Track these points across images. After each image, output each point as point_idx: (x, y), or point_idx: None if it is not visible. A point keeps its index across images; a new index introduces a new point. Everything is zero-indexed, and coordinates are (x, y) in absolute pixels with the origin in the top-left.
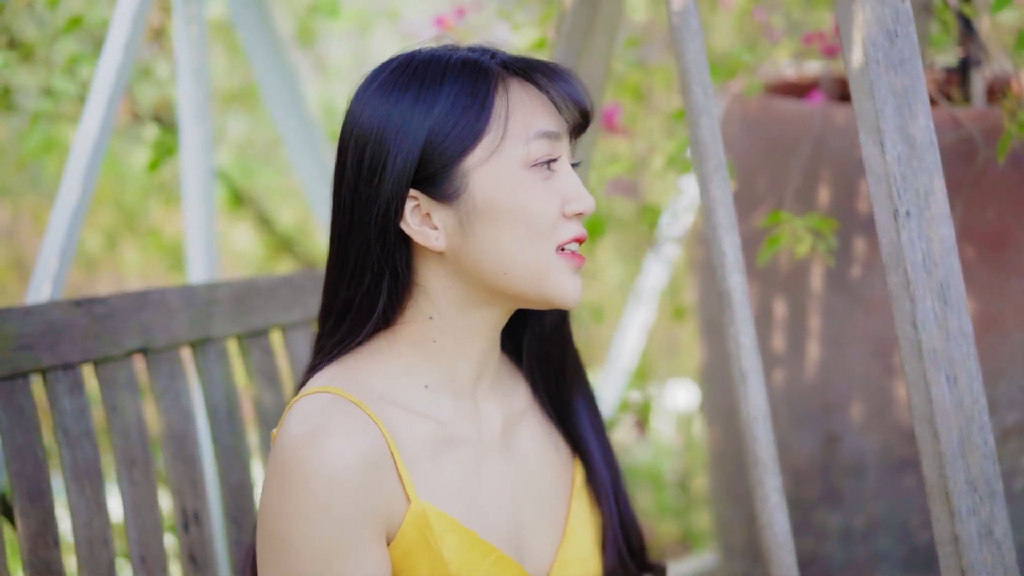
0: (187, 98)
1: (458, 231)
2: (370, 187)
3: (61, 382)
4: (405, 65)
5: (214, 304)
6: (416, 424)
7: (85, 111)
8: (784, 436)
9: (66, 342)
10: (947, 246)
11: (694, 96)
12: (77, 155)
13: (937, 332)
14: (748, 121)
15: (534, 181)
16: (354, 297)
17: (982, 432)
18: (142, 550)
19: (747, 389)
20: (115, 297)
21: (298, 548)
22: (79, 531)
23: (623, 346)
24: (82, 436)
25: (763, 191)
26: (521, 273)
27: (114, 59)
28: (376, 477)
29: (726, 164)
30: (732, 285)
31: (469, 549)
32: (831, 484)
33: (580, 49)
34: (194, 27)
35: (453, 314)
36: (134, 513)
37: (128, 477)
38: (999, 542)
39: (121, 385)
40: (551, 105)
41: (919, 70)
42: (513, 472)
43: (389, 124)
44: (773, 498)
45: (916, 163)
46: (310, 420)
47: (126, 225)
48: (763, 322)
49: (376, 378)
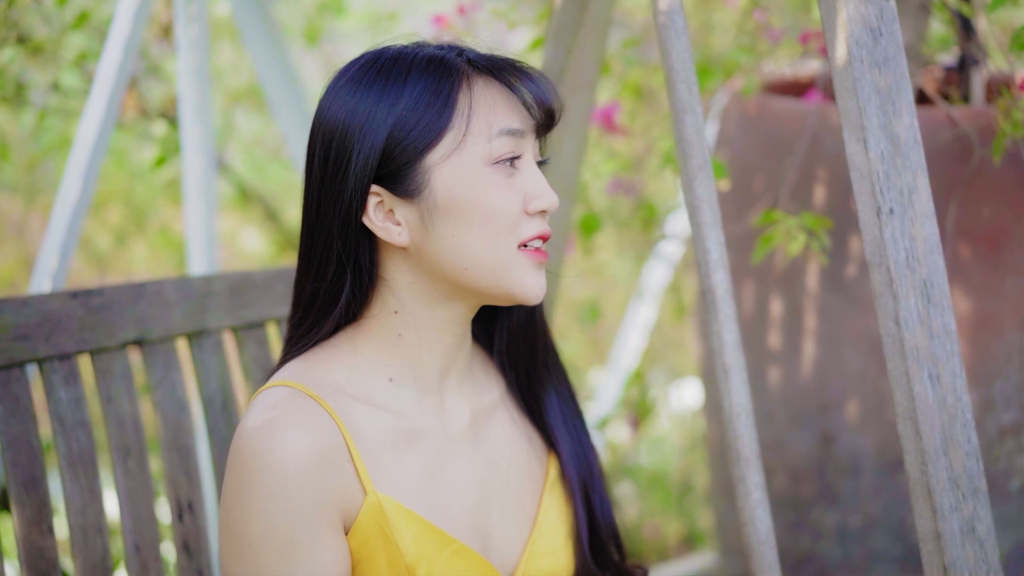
0: (188, 96)
1: (420, 227)
2: (334, 182)
3: (57, 372)
4: (372, 61)
5: (210, 296)
6: (377, 417)
7: (86, 108)
8: (780, 435)
9: (62, 333)
10: (931, 244)
11: (679, 94)
12: (78, 152)
13: (920, 330)
14: (746, 120)
15: (496, 178)
16: (318, 290)
17: (965, 430)
18: (136, 539)
19: (730, 385)
20: (111, 289)
21: (254, 539)
22: (73, 519)
23: (625, 344)
24: (77, 425)
25: (760, 189)
26: (482, 269)
27: (115, 57)
28: (331, 469)
29: (711, 162)
30: (715, 282)
31: (428, 540)
32: (827, 483)
33: (569, 47)
34: (195, 26)
35: (418, 309)
36: (128, 502)
37: (123, 467)
38: (982, 540)
39: (116, 376)
40: (516, 103)
41: (904, 68)
42: (481, 466)
43: (354, 120)
44: (755, 494)
45: (900, 161)
46: (265, 413)
47: (136, 223)
48: (759, 321)
49: (339, 371)
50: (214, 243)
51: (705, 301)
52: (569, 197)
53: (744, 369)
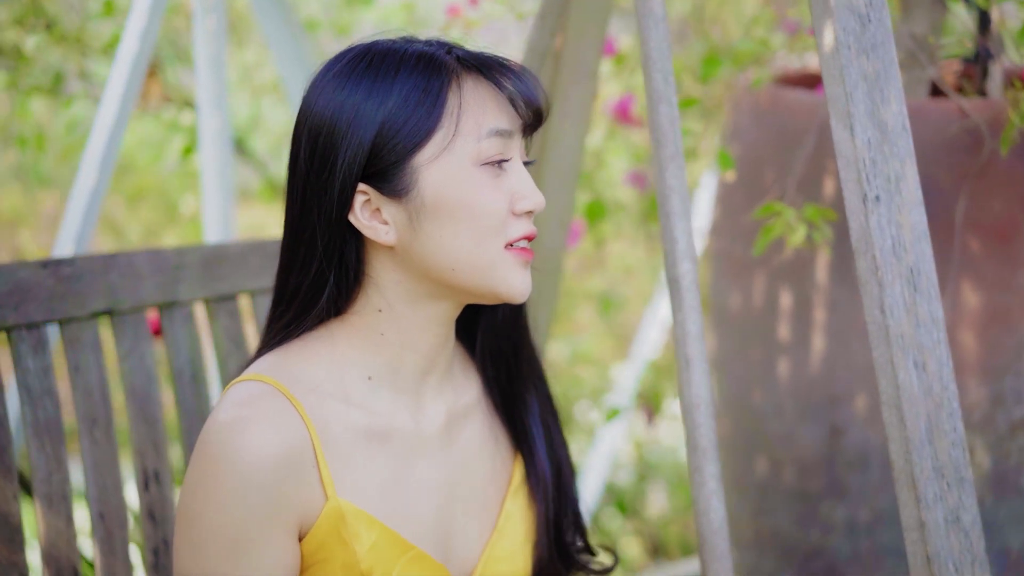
0: (205, 86)
1: (407, 227)
2: (320, 179)
3: (25, 341)
4: (361, 56)
5: (183, 268)
6: (350, 415)
7: (104, 96)
8: (789, 428)
9: (31, 301)
10: (918, 232)
11: (655, 83)
12: (96, 140)
13: (906, 318)
14: (758, 112)
15: (484, 179)
16: (301, 284)
17: (951, 419)
18: (101, 507)
19: (690, 375)
20: (82, 259)
21: (207, 531)
22: (39, 486)
23: (646, 337)
24: (44, 394)
25: (770, 181)
26: (469, 269)
27: (132, 45)
28: (293, 472)
29: (682, 151)
30: (682, 272)
31: (386, 546)
32: (836, 477)
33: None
34: (212, 17)
35: (402, 308)
36: (94, 471)
37: (89, 436)
38: (967, 530)
39: (85, 346)
40: (504, 102)
41: (892, 55)
42: (449, 468)
43: (341, 117)
44: (710, 484)
45: (887, 148)
46: (236, 410)
47: (167, 216)
48: (768, 314)
49: (317, 367)
50: (232, 231)
51: (670, 291)
52: (571, 187)
53: (705, 360)
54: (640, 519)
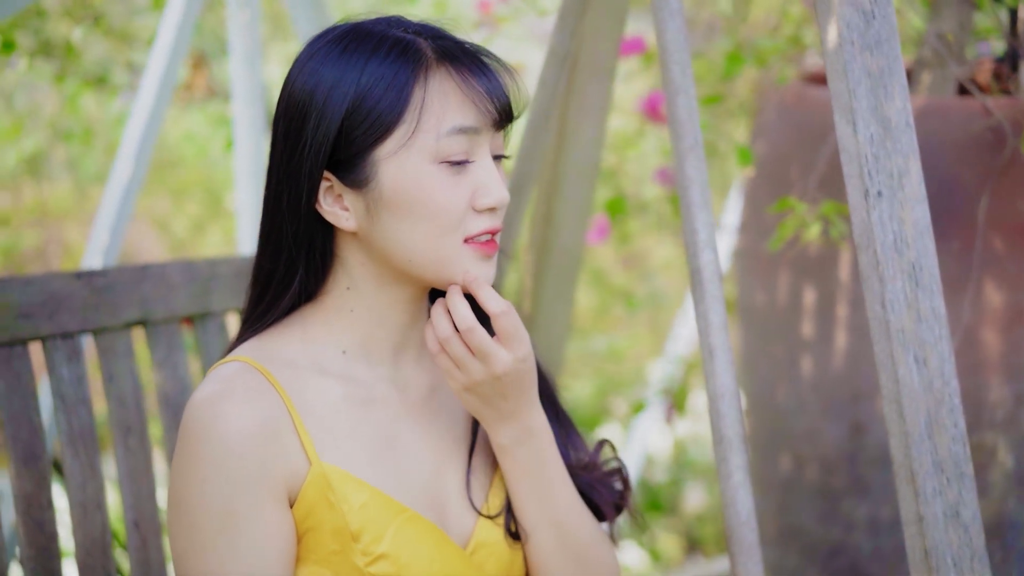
0: (239, 80)
1: (366, 216)
2: (289, 165)
3: (60, 350)
4: (342, 36)
5: (214, 279)
6: (329, 386)
7: (140, 88)
8: (812, 425)
9: (65, 312)
10: (921, 228)
11: (672, 75)
12: (131, 131)
13: (907, 313)
14: (783, 108)
15: (442, 176)
16: (275, 269)
17: (952, 415)
18: (136, 515)
19: (714, 366)
20: (115, 270)
21: (195, 508)
22: (73, 494)
23: (680, 334)
24: (79, 403)
25: (795, 177)
26: (425, 262)
27: (168, 37)
28: (273, 441)
29: (702, 143)
30: (703, 262)
31: (377, 508)
32: (858, 474)
33: (575, 30)
34: (246, 11)
35: (369, 288)
36: (128, 479)
37: (124, 443)
38: (967, 525)
39: (119, 355)
40: (472, 98)
41: (897, 51)
42: (437, 437)
43: (313, 99)
44: (737, 476)
45: (891, 144)
46: (212, 386)
47: (212, 210)
48: (792, 310)
49: (292, 345)
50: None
51: (692, 282)
52: (589, 183)
53: (729, 350)
54: (677, 516)
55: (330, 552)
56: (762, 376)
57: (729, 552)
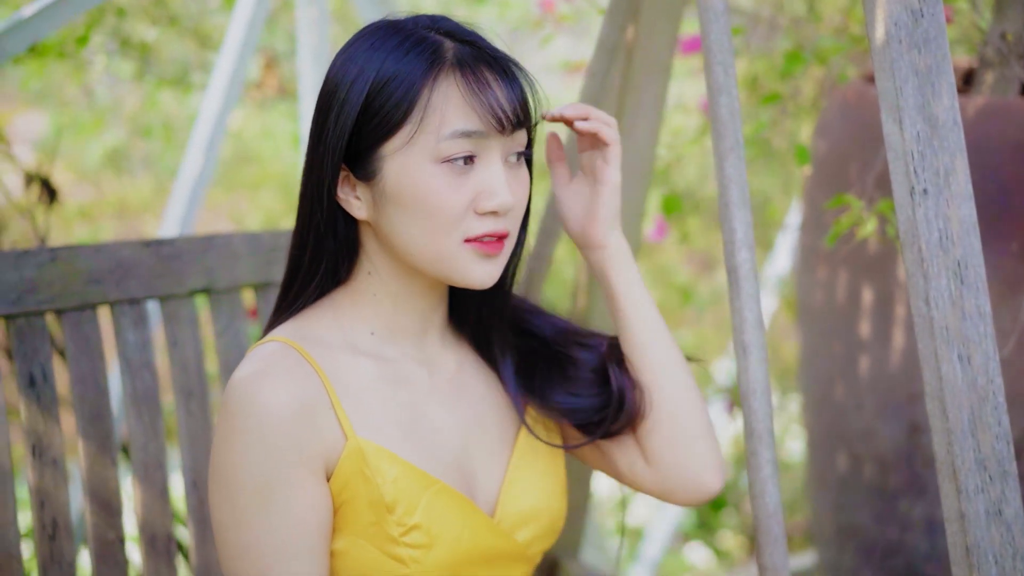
0: (307, 77)
1: (372, 209)
2: (315, 154)
3: (126, 315)
4: (374, 32)
5: (277, 251)
6: (361, 364)
7: (209, 84)
8: (869, 424)
9: (133, 278)
10: (967, 226)
11: (715, 75)
12: (201, 127)
13: (951, 310)
14: (844, 107)
15: (443, 176)
16: (303, 255)
17: (996, 412)
18: (194, 476)
19: (748, 362)
20: (182, 240)
21: (235, 481)
22: (136, 454)
23: None
24: (143, 367)
25: (854, 176)
26: (424, 257)
27: (238, 34)
28: (311, 416)
29: (742, 143)
30: (740, 261)
31: (409, 480)
32: (915, 474)
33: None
34: (314, 8)
35: (388, 275)
36: (189, 441)
37: (185, 407)
38: (1009, 523)
39: (183, 321)
40: (479, 104)
41: (946, 50)
42: (462, 413)
43: (336, 95)
44: (766, 469)
45: (937, 142)
46: (253, 365)
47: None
48: (849, 309)
49: (325, 326)
50: None
51: (729, 279)
52: (643, 180)
53: (763, 347)
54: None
55: (366, 523)
56: (820, 374)
57: (756, 543)
